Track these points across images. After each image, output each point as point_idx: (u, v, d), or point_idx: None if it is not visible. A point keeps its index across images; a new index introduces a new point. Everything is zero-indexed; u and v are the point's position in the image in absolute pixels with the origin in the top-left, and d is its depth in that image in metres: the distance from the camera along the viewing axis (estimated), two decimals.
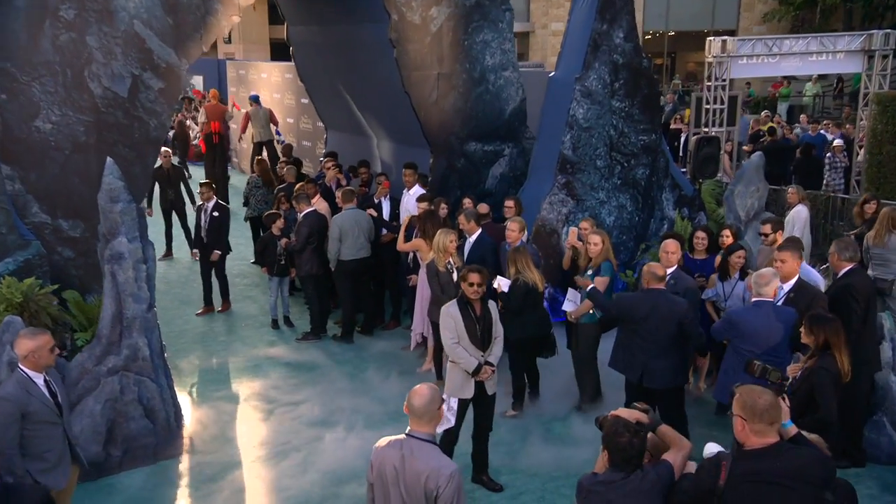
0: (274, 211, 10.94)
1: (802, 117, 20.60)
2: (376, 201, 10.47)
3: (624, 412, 4.27)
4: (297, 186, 11.17)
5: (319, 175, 12.38)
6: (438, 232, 8.35)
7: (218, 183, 13.58)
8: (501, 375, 8.71)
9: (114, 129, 8.78)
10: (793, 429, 4.17)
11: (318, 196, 10.86)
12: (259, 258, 10.72)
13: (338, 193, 10.45)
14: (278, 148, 16.92)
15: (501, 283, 7.96)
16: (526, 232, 9.03)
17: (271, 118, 17.30)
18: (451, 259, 8.26)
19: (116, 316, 6.98)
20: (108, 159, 7.24)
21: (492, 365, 6.54)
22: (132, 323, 7.02)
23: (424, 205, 9.61)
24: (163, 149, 14.22)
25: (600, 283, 7.87)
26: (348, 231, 9.90)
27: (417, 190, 10.52)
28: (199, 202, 11.39)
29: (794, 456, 3.90)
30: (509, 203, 9.66)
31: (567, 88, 10.57)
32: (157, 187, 13.76)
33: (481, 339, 6.48)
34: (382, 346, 10.02)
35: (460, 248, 8.67)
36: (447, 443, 6.58)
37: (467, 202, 9.89)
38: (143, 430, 7.06)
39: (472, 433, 6.83)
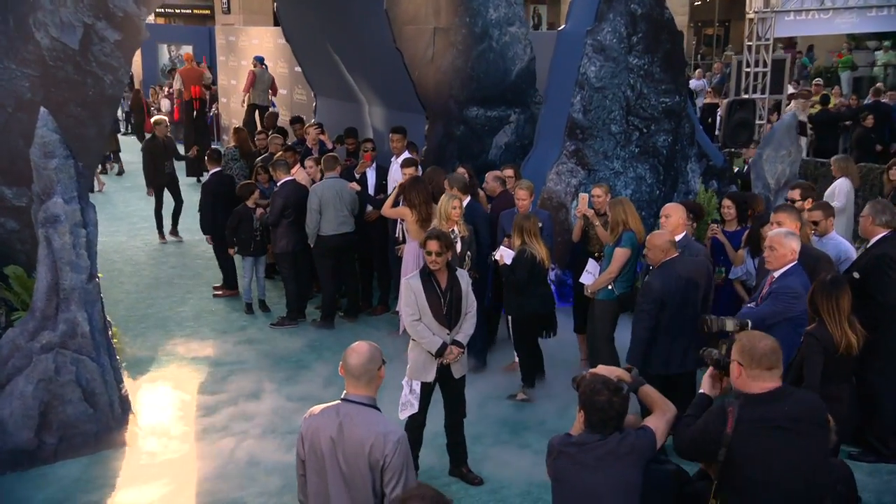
0: (248, 181, 10.90)
1: (879, 85, 19.84)
2: (357, 176, 10.36)
3: (603, 369, 4.25)
4: (277, 155, 11.14)
5: (298, 141, 12.34)
6: (443, 196, 8.33)
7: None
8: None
9: (63, 86, 8.76)
10: None
11: (298, 165, 10.81)
12: (230, 235, 10.65)
13: (309, 162, 10.43)
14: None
15: (504, 255, 7.93)
16: (534, 197, 8.96)
17: (272, 85, 17.35)
18: (455, 227, 8.21)
19: (52, 287, 6.95)
20: (42, 109, 7.20)
21: (460, 345, 6.44)
22: (70, 294, 6.99)
23: (410, 170, 9.51)
24: (158, 117, 14.31)
25: (620, 255, 7.75)
26: (329, 202, 9.82)
27: (406, 155, 10.43)
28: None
29: (798, 399, 4.01)
30: (508, 172, 9.51)
31: (577, 43, 10.43)
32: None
33: (447, 315, 6.37)
34: (368, 332, 9.92)
35: None
36: (412, 429, 6.50)
37: (461, 170, 9.78)
38: (81, 415, 7.01)
39: (444, 422, 6.73)
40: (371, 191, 10.51)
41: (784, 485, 3.92)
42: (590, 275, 8.31)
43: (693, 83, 19.59)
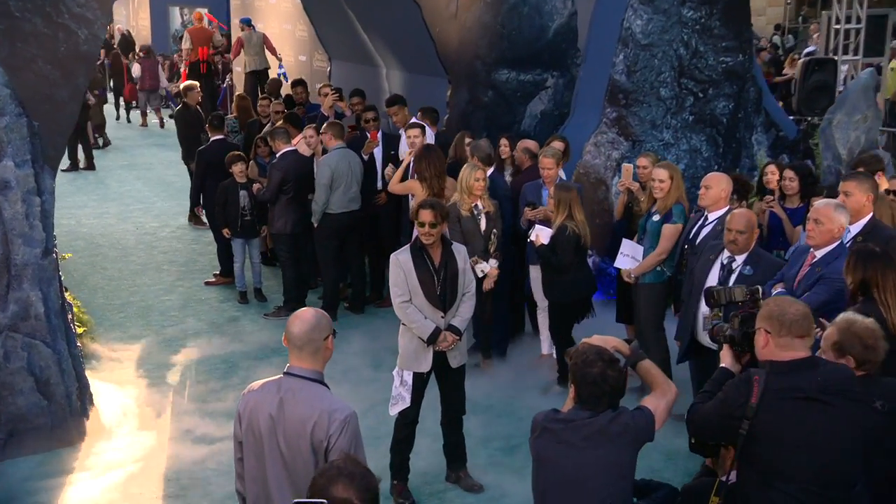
0: (236, 152, 10.92)
1: None
2: (365, 157, 10.34)
3: (598, 339, 4.26)
4: (279, 123, 11.17)
5: (312, 107, 12.37)
6: (464, 167, 8.35)
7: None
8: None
9: (31, 40, 8.86)
10: None
11: (300, 135, 10.82)
12: (220, 214, 10.71)
13: (308, 131, 10.42)
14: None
15: (541, 235, 7.96)
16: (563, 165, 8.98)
17: (266, 44, 17.46)
18: (479, 202, 8.22)
19: (2, 262, 7.04)
20: None
21: (456, 331, 6.41)
22: (22, 271, 7.08)
23: (415, 133, 9.44)
24: (188, 82, 14.46)
25: (670, 232, 7.66)
26: (342, 176, 9.86)
27: (413, 121, 10.38)
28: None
29: (830, 370, 4.07)
30: (558, 145, 9.34)
31: None
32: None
33: (441, 296, 6.36)
34: (375, 325, 9.92)
35: None
36: (403, 427, 6.48)
37: (503, 143, 9.70)
38: (33, 407, 7.10)
39: (441, 419, 6.71)
40: (379, 163, 10.48)
41: (811, 462, 3.96)
42: (627, 257, 8.21)
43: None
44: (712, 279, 6.53)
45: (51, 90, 9.02)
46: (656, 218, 7.81)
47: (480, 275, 8.22)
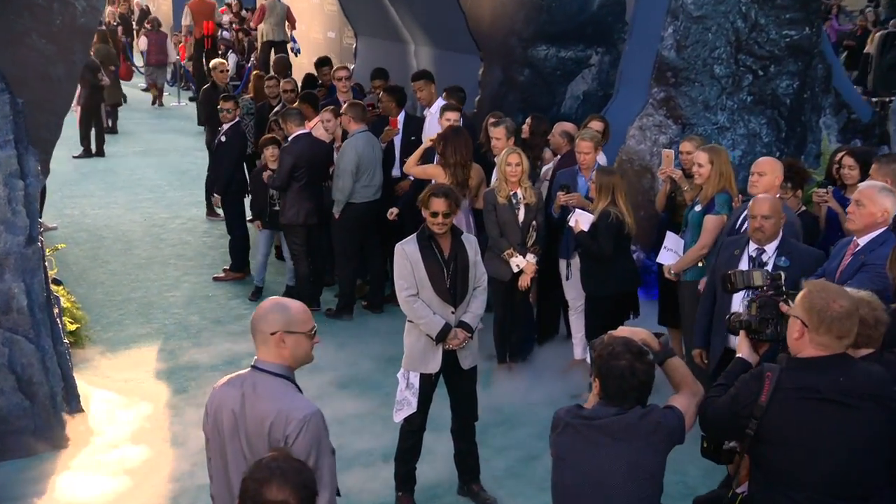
0: (269, 136, 11.05)
1: None
2: (383, 146, 10.38)
3: (626, 331, 4.27)
4: (295, 104, 11.24)
5: (330, 91, 12.44)
6: (504, 150, 8.41)
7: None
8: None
9: (24, 13, 9.03)
10: None
11: (318, 117, 10.88)
12: (254, 204, 10.89)
13: (325, 114, 10.51)
14: (293, 57, 17.14)
15: (581, 220, 7.99)
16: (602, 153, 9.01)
17: (288, 16, 17.58)
18: (518, 191, 8.27)
19: None
20: None
21: (468, 328, 6.45)
22: (4, 260, 7.20)
23: (454, 117, 9.45)
24: (216, 61, 14.61)
25: (713, 224, 7.60)
26: (368, 162, 9.92)
27: (441, 105, 10.37)
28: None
29: (859, 371, 4.02)
30: (596, 125, 9.29)
31: None
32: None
33: (451, 289, 6.41)
34: (395, 325, 9.82)
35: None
36: (408, 435, 6.51)
37: (567, 126, 9.68)
38: (15, 408, 7.22)
39: (451, 426, 6.73)
40: (398, 149, 10.56)
41: (822, 469, 3.96)
42: (670, 252, 8.19)
43: None
44: None
45: (45, 67, 9.18)
46: (698, 208, 7.74)
47: (515, 269, 8.31)
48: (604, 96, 11.50)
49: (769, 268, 6.33)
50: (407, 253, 6.40)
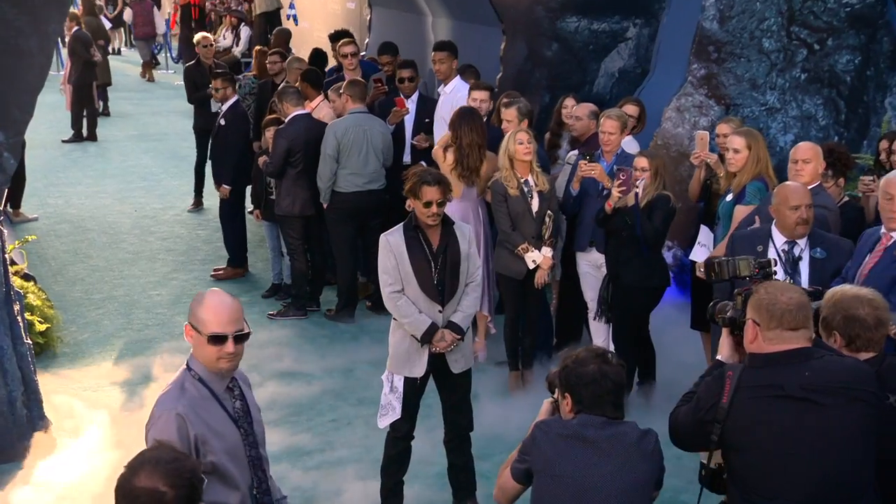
0: (272, 116, 11.14)
1: None
2: (391, 127, 10.44)
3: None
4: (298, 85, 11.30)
5: (332, 70, 12.49)
6: (508, 134, 8.45)
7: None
8: None
9: None
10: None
11: (320, 97, 10.94)
12: (255, 193, 11.03)
13: (332, 94, 10.57)
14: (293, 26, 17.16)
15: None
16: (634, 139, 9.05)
17: None
18: (529, 177, 8.34)
19: None
20: None
21: (457, 329, 6.51)
22: None
23: (482, 96, 9.47)
24: (200, 35, 14.72)
25: (740, 215, 7.61)
26: (351, 146, 9.97)
27: (458, 85, 10.38)
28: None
29: (828, 362, 4.14)
30: (630, 109, 9.28)
31: None
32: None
33: (438, 285, 6.48)
34: None
35: None
36: (393, 443, 6.58)
37: (570, 102, 9.68)
38: None
39: (444, 437, 6.78)
40: (409, 132, 10.61)
41: (795, 474, 4.04)
42: (703, 248, 8.23)
43: None
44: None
45: (16, 39, 9.26)
46: (730, 198, 7.73)
47: (531, 265, 8.35)
48: (642, 74, 11.47)
49: (804, 263, 6.34)
50: (391, 245, 6.46)
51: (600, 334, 8.63)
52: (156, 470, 3.22)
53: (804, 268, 6.39)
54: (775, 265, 4.87)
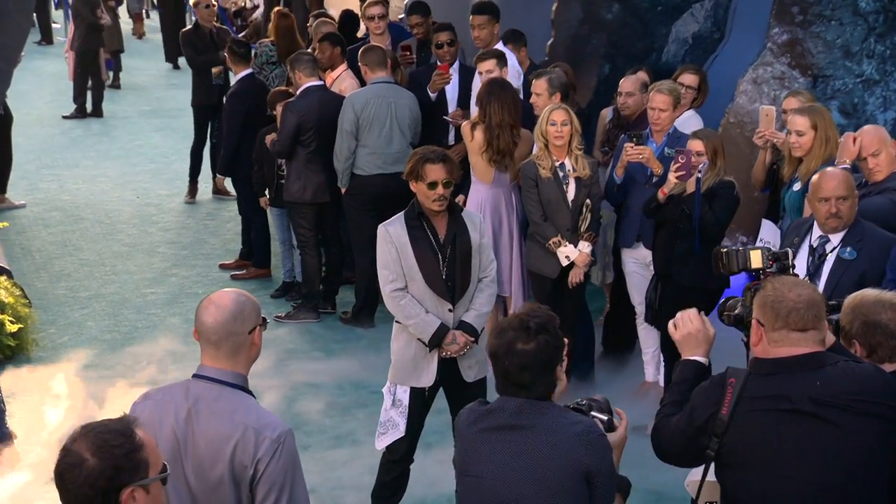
0: (281, 88, 11.33)
1: None
2: (433, 95, 10.51)
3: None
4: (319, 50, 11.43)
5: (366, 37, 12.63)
6: (545, 110, 8.48)
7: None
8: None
9: None
10: (830, 335, 4.41)
11: (343, 66, 11.04)
12: (258, 176, 11.19)
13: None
14: None
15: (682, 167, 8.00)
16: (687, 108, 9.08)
17: None
18: (567, 159, 8.41)
19: None
20: None
21: (470, 331, 6.60)
22: None
23: (488, 65, 9.49)
24: None
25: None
26: (373, 120, 10.10)
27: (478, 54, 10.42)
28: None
29: (843, 371, 4.18)
30: (688, 79, 9.32)
31: None
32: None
33: (448, 281, 6.58)
34: None
35: None
36: (390, 466, 6.70)
37: (641, 75, 9.72)
38: None
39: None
40: (451, 105, 10.65)
41: (805, 499, 4.11)
42: (766, 245, 8.19)
43: None
44: (797, 269, 6.48)
45: None
46: (797, 187, 7.73)
47: (565, 262, 8.42)
48: (718, 39, 11.44)
49: (830, 261, 6.37)
50: (391, 236, 6.57)
51: (650, 342, 8.71)
52: (88, 437, 3.29)
53: (826, 268, 6.47)
54: (793, 258, 4.94)
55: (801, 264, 6.61)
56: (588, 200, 8.42)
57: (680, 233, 8.09)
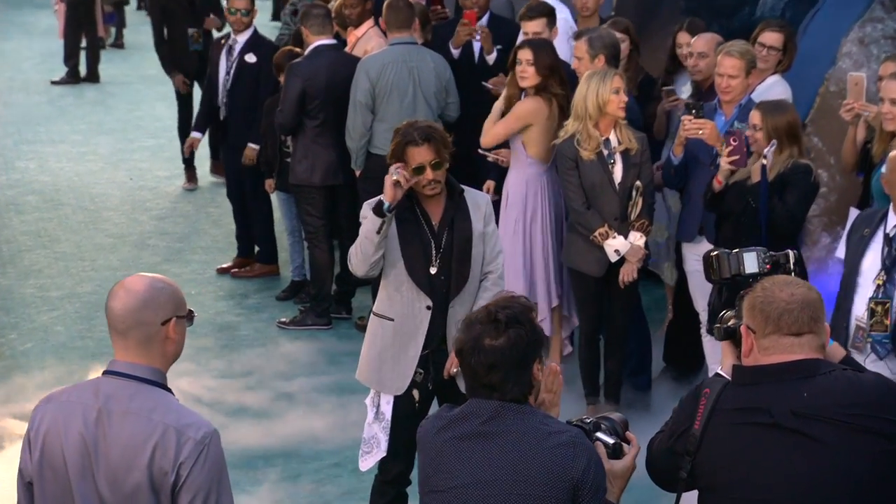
0: (287, 48, 11.52)
1: None
2: (455, 52, 10.61)
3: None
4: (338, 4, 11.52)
5: None
6: (585, 76, 8.52)
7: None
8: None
9: None
10: (838, 349, 4.51)
11: (369, 22, 11.09)
12: (264, 154, 11.35)
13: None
14: None
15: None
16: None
17: None
18: (613, 133, 8.48)
19: None
20: None
21: None
22: None
23: (535, 25, 9.57)
24: None
25: None
26: (391, 89, 10.18)
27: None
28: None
29: (837, 380, 4.23)
30: (770, 38, 9.34)
31: None
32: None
33: (440, 276, 6.67)
34: None
35: None
36: (383, 488, 6.89)
37: (684, 37, 9.77)
38: None
39: None
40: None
41: None
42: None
43: None
44: (870, 264, 6.51)
45: None
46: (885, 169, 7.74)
47: (614, 257, 8.48)
48: None
49: None
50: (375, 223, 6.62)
51: (716, 354, 8.73)
52: None
53: None
54: (862, 253, 4.87)
55: (873, 259, 6.69)
56: (638, 182, 8.45)
57: (743, 228, 8.03)
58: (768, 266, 4.81)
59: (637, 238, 8.47)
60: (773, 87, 9.04)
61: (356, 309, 10.98)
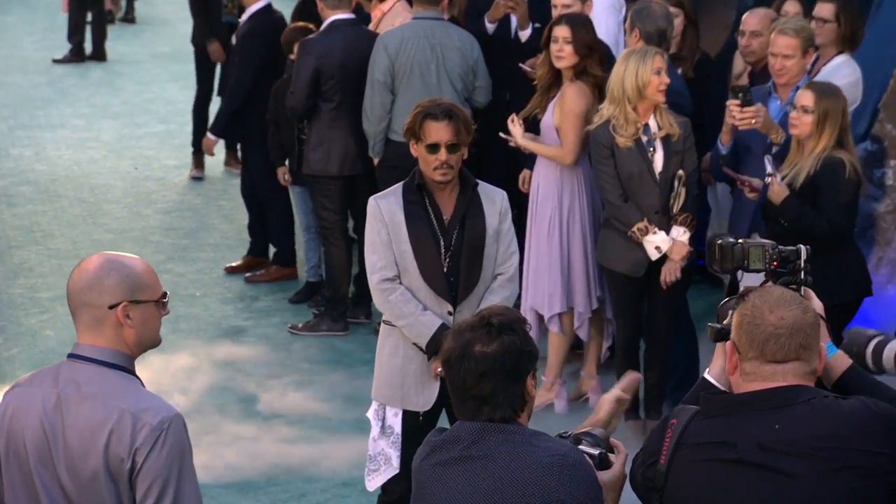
0: (300, 24, 11.61)
1: None
2: (491, 26, 10.66)
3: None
4: None
5: None
6: (630, 55, 8.54)
7: None
8: None
9: None
10: (842, 358, 4.53)
11: None
12: (273, 141, 11.35)
13: None
14: None
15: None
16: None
17: None
18: (652, 118, 8.52)
19: None
20: None
21: None
22: None
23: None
24: None
25: None
26: (412, 68, 10.25)
27: None
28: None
29: (815, 409, 4.21)
30: (824, 10, 9.39)
31: None
32: None
33: (450, 276, 6.73)
34: None
35: None
36: None
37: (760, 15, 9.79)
38: None
39: None
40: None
41: None
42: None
43: None
44: None
45: None
46: None
47: (655, 254, 8.51)
48: None
49: None
50: (383, 213, 6.73)
51: None
52: None
53: None
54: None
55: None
56: (681, 171, 8.45)
57: (786, 231, 7.87)
58: (775, 263, 4.74)
59: (680, 233, 8.46)
60: (840, 69, 9.07)
61: (375, 313, 10.84)
